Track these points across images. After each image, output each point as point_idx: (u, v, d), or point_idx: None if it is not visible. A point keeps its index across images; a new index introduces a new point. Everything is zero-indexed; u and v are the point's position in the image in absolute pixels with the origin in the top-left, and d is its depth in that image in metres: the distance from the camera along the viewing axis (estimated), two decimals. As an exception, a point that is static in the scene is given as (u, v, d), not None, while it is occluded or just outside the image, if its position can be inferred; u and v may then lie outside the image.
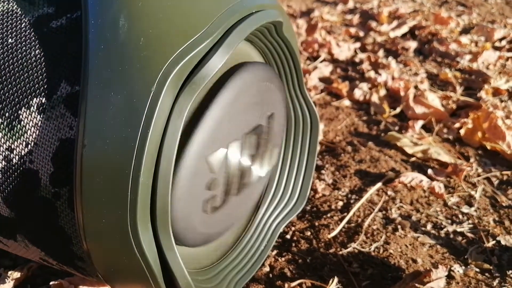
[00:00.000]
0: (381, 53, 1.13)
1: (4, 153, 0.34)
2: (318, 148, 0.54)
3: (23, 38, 0.34)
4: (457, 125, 0.83)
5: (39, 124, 0.33)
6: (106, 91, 0.30)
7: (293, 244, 0.56)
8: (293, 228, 0.58)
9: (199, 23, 0.32)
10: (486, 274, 0.53)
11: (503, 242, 0.58)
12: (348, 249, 0.55)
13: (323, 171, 0.69)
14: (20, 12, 0.35)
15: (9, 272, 0.49)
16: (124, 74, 0.30)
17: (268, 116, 0.43)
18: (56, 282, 0.47)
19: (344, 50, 1.08)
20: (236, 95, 0.37)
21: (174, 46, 0.31)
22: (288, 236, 0.57)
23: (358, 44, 1.16)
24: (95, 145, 0.30)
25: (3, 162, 0.34)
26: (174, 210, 0.34)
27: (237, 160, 0.40)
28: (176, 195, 0.34)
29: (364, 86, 0.93)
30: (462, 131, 0.81)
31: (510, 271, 0.54)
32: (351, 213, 0.61)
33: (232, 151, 0.39)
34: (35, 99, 0.33)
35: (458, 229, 0.60)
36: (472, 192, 0.67)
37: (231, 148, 0.39)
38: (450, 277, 0.52)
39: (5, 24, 0.35)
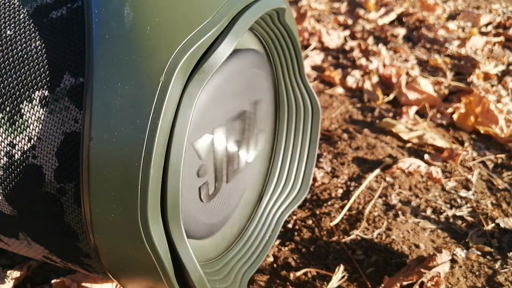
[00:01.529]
0: (370, 40, 1.13)
1: (5, 149, 0.33)
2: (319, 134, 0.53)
3: (23, 30, 0.33)
4: (450, 110, 0.83)
5: (42, 118, 0.32)
6: (113, 82, 0.29)
7: (296, 233, 0.56)
8: (294, 217, 0.58)
9: (205, 10, 0.31)
10: (488, 256, 0.54)
11: (502, 225, 0.59)
12: (351, 237, 0.55)
13: (321, 159, 0.69)
14: (18, 3, 0.34)
15: (8, 272, 0.48)
16: (131, 64, 0.29)
17: (253, 102, 0.42)
18: (58, 280, 0.46)
19: (334, 38, 1.07)
20: (222, 82, 0.36)
21: (182, 35, 0.30)
22: (290, 225, 0.57)
23: (347, 32, 1.16)
24: (103, 137, 0.29)
25: (5, 158, 0.33)
26: None
27: (224, 146, 0.40)
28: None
29: (357, 73, 0.92)
30: (455, 116, 0.81)
31: (511, 253, 0.54)
32: (351, 200, 0.61)
33: (218, 137, 0.39)
34: (37, 92, 0.32)
35: (458, 213, 0.61)
36: (469, 176, 0.68)
37: (216, 134, 0.38)
38: (453, 261, 0.52)
39: (3, 15, 0.33)
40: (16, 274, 0.48)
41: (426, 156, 0.71)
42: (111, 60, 0.30)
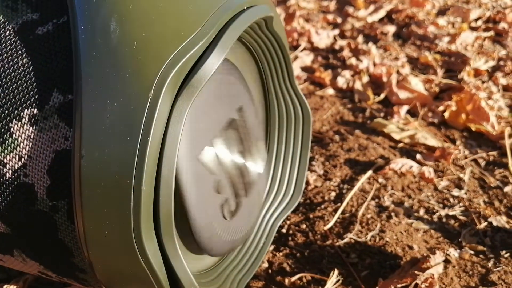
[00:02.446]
0: (360, 39, 1.13)
1: (-4, 168, 0.33)
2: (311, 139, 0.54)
3: (9, 47, 0.33)
4: (441, 108, 0.84)
5: (32, 136, 0.32)
6: (102, 99, 0.29)
7: (290, 238, 0.56)
8: (288, 222, 0.58)
9: (192, 23, 0.31)
10: (481, 255, 0.54)
11: (494, 223, 0.59)
12: (345, 240, 0.56)
13: (313, 162, 0.69)
14: (3, 20, 0.34)
15: (5, 286, 0.48)
16: (119, 80, 0.29)
17: (238, 109, 0.43)
18: (53, 293, 0.46)
19: (323, 38, 1.07)
20: (206, 91, 0.36)
21: (169, 49, 0.30)
22: (284, 230, 0.57)
23: (337, 31, 1.16)
24: (94, 155, 0.29)
25: (-5, 177, 0.33)
26: (194, 219, 0.34)
27: (230, 158, 0.40)
28: (190, 203, 0.33)
29: (347, 73, 0.93)
30: (446, 114, 0.82)
31: (504, 251, 0.55)
32: (344, 204, 0.61)
33: (219, 148, 0.39)
34: (26, 110, 0.32)
35: (450, 213, 0.61)
36: (461, 175, 0.68)
37: (216, 145, 0.38)
38: (446, 261, 0.53)
39: None
40: (12, 288, 0.48)
41: (418, 156, 0.71)
42: (99, 77, 0.29)
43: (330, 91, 0.90)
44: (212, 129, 0.38)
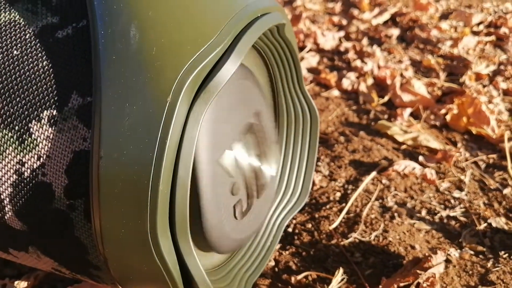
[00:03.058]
0: (365, 41, 1.14)
1: (15, 167, 0.33)
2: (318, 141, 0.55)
3: (29, 50, 0.34)
4: (443, 111, 0.85)
5: (51, 137, 0.33)
6: (121, 102, 0.30)
7: (296, 237, 0.57)
8: (294, 221, 0.60)
9: (209, 31, 0.32)
10: (480, 256, 0.55)
11: (494, 224, 0.60)
12: (349, 239, 0.57)
13: (319, 163, 0.71)
14: (23, 23, 0.34)
15: (16, 282, 0.48)
16: (138, 84, 0.30)
17: (255, 114, 0.44)
18: (65, 289, 0.47)
19: (329, 40, 1.08)
20: (224, 95, 0.37)
21: (187, 55, 0.31)
22: (290, 229, 0.58)
23: (342, 33, 1.17)
24: (112, 156, 0.30)
25: (14, 175, 0.34)
26: (206, 218, 0.35)
27: (247, 161, 0.41)
28: (206, 204, 0.34)
29: (352, 75, 0.94)
30: (448, 117, 0.83)
31: (502, 252, 0.56)
32: (349, 204, 0.62)
33: (238, 152, 0.40)
34: (45, 111, 0.33)
35: (451, 214, 0.62)
36: (462, 177, 0.69)
37: (235, 149, 0.39)
38: (447, 260, 0.54)
39: (9, 35, 0.34)
40: (23, 284, 0.49)
41: (421, 158, 0.72)
42: (118, 81, 0.30)
43: (335, 92, 0.92)
44: (232, 133, 0.39)
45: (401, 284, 0.50)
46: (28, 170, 0.33)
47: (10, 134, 0.33)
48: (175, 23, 0.32)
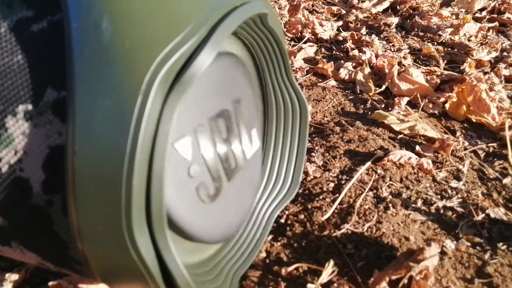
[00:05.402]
0: (364, 30, 1.12)
1: (-8, 163, 0.33)
2: (308, 132, 0.54)
3: (4, 44, 0.33)
4: (442, 99, 0.83)
5: (27, 132, 0.32)
6: (94, 95, 0.30)
7: (288, 228, 0.57)
8: (286, 212, 0.59)
9: (183, 21, 0.32)
10: (477, 247, 0.55)
11: (492, 215, 0.59)
12: (342, 231, 0.56)
13: (313, 153, 0.70)
14: (-2, 17, 0.34)
15: (7, 275, 0.49)
16: (111, 77, 0.30)
17: (234, 101, 0.43)
18: (55, 282, 0.47)
19: (327, 29, 1.07)
20: (196, 85, 0.36)
21: (160, 47, 0.30)
22: (282, 220, 0.58)
23: (340, 23, 1.16)
24: (86, 151, 0.30)
25: (-8, 171, 0.33)
26: (171, 206, 0.34)
27: (211, 144, 0.40)
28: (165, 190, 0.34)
29: (349, 65, 0.93)
30: (447, 105, 0.82)
31: (501, 244, 0.55)
32: (342, 194, 0.61)
33: (201, 135, 0.39)
34: (20, 106, 0.32)
35: (448, 204, 0.61)
36: (460, 166, 0.68)
37: (198, 133, 0.39)
38: (442, 252, 0.53)
39: None
40: (14, 277, 0.49)
41: (418, 147, 0.71)
42: (91, 74, 0.30)
43: (332, 82, 0.91)
44: (198, 118, 0.39)
45: (393, 277, 0.49)
46: (6, 166, 0.33)
47: (-14, 130, 0.33)
48: (148, 16, 0.31)
